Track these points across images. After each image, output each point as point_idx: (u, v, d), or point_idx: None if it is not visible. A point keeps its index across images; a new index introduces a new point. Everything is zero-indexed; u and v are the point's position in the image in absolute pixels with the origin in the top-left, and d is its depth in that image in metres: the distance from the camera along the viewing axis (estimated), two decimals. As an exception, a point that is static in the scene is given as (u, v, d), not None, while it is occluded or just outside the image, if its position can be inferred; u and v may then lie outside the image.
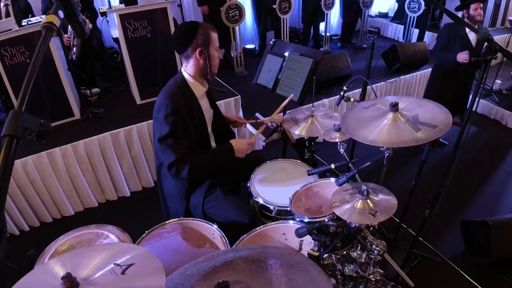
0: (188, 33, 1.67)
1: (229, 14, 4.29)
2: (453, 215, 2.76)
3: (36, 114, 0.69)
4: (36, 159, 2.62)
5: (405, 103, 1.51)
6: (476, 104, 1.71)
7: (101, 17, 3.98)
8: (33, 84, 0.72)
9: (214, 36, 1.71)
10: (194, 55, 1.69)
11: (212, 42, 1.71)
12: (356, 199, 1.33)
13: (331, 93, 3.86)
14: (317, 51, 2.23)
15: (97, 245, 1.49)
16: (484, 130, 4.11)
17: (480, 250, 2.32)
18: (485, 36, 1.55)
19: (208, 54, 1.71)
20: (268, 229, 1.63)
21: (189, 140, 1.73)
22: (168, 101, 1.66)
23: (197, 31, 1.66)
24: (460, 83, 3.32)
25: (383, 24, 6.44)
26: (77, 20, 0.93)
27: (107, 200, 3.11)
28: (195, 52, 1.68)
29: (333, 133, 1.85)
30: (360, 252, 1.40)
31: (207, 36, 1.68)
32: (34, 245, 1.47)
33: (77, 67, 3.47)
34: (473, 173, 3.32)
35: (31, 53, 2.73)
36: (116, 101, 3.53)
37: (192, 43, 1.67)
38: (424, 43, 4.53)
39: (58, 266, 0.94)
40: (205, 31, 1.68)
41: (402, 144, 1.33)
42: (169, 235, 1.65)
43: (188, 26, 1.70)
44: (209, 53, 1.71)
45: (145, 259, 0.96)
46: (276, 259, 1.07)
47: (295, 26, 6.38)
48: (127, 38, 3.05)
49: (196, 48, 1.68)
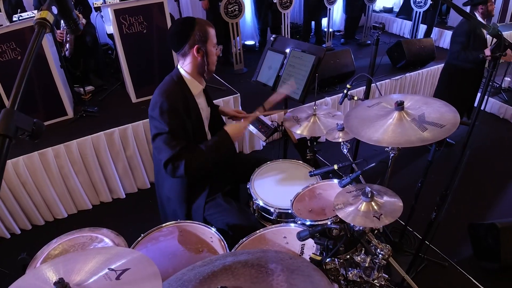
0: (184, 30, 1.66)
1: (228, 9, 4.30)
2: (461, 218, 2.77)
3: (28, 112, 0.69)
4: (28, 160, 2.62)
5: (411, 101, 1.51)
6: (484, 102, 1.72)
7: (95, 12, 3.98)
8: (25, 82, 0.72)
9: (211, 32, 1.71)
10: (192, 52, 1.69)
11: (210, 38, 1.70)
12: (360, 201, 1.33)
13: (334, 91, 3.86)
14: (320, 48, 2.23)
15: (91, 249, 1.49)
16: (492, 130, 4.11)
17: (488, 254, 2.32)
18: (494, 32, 1.55)
19: (206, 51, 1.71)
20: (269, 232, 1.63)
21: (185, 139, 1.72)
22: (164, 98, 1.66)
23: (194, 28, 1.66)
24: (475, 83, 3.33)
25: (388, 19, 6.44)
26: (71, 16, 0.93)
27: (101, 202, 3.11)
28: (192, 49, 1.68)
29: (336, 133, 1.85)
30: (364, 256, 1.40)
31: (205, 32, 1.68)
32: (25, 249, 1.47)
33: (70, 64, 3.47)
34: (481, 174, 3.32)
35: (22, 49, 2.73)
36: (110, 99, 3.54)
37: (189, 40, 1.66)
38: (430, 39, 4.53)
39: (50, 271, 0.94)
40: (202, 27, 1.67)
41: (408, 144, 1.33)
42: (165, 239, 1.65)
43: (184, 23, 1.68)
44: (206, 49, 1.71)
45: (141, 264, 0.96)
46: (276, 264, 1.07)
47: (297, 21, 6.39)
48: (122, 34, 3.05)
49: (193, 45, 1.67)
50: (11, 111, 0.69)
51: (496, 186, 3.17)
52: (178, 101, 1.70)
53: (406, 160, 3.51)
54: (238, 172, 2.13)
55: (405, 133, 1.36)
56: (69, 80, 3.23)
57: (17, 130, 0.69)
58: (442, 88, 3.64)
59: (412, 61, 4.26)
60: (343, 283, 1.38)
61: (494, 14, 3.06)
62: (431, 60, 4.44)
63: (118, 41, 3.07)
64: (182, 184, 1.84)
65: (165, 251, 1.59)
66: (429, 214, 2.02)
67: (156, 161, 1.90)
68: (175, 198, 1.88)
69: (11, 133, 0.67)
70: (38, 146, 2.66)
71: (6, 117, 0.68)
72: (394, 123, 1.41)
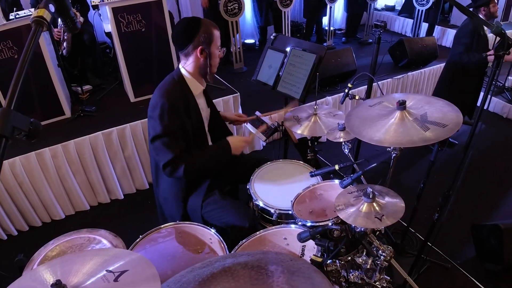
0: (189, 30, 1.67)
1: (228, 7, 4.30)
2: (463, 219, 2.77)
3: (25, 112, 0.69)
4: (25, 160, 2.62)
5: (413, 101, 1.51)
6: (487, 102, 1.72)
7: (92, 10, 3.98)
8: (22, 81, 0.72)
9: (216, 34, 1.72)
10: (195, 53, 1.69)
11: (215, 40, 1.71)
12: (361, 202, 1.33)
13: (335, 91, 3.86)
14: (321, 46, 2.23)
15: (89, 250, 1.49)
16: (495, 129, 4.11)
17: (491, 255, 2.32)
18: (498, 30, 1.55)
19: (209, 53, 1.71)
20: (269, 233, 1.63)
21: (185, 140, 1.73)
22: (164, 98, 1.66)
23: (199, 28, 1.66)
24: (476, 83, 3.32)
25: (390, 17, 6.44)
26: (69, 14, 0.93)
27: (99, 203, 3.12)
28: (196, 50, 1.68)
29: (337, 133, 1.85)
30: (365, 257, 1.40)
31: (210, 34, 1.68)
32: (22, 250, 1.47)
33: (68, 63, 3.47)
34: (484, 174, 3.32)
35: (19, 48, 2.73)
36: (108, 98, 3.53)
37: (193, 41, 1.67)
38: (433, 38, 4.53)
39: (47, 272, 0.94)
40: (207, 29, 1.67)
41: (410, 144, 1.33)
42: (164, 240, 1.65)
43: (190, 23, 1.69)
44: (210, 51, 1.71)
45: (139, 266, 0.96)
46: (277, 265, 1.07)
47: (297, 20, 6.39)
48: (120, 32, 3.05)
49: (197, 46, 1.67)
50: (7, 111, 0.69)
51: (499, 187, 3.17)
52: (179, 100, 1.70)
53: (408, 160, 3.51)
54: (237, 172, 2.13)
55: (407, 133, 1.36)
56: (67, 79, 3.23)
57: (13, 130, 0.69)
58: (441, 87, 3.63)
59: (414, 60, 4.26)
60: (344, 285, 1.38)
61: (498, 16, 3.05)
62: (434, 59, 4.44)
63: (116, 39, 3.07)
64: (179, 185, 1.85)
65: (164, 252, 1.59)
66: (432, 215, 2.01)
67: (153, 162, 1.90)
68: (172, 198, 1.89)
69: (8, 133, 0.67)
70: (35, 146, 2.66)
71: (3, 116, 0.68)
72: (396, 122, 1.41)
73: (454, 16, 5.93)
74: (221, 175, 2.00)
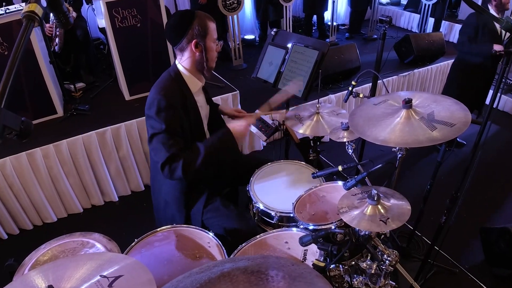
0: (182, 23, 1.66)
1: (227, 2, 4.30)
2: (472, 222, 2.77)
3: (15, 111, 0.69)
4: (15, 160, 2.62)
5: (419, 99, 1.51)
6: (497, 100, 1.72)
7: (86, 5, 3.99)
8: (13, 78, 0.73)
9: (211, 27, 1.71)
10: (189, 47, 1.69)
11: (210, 33, 1.70)
12: (365, 205, 1.33)
13: (338, 88, 3.86)
14: (323, 42, 2.23)
15: (82, 255, 1.49)
16: (505, 129, 4.11)
17: (501, 260, 2.32)
18: (508, 26, 1.55)
19: (205, 46, 1.71)
20: (269, 237, 1.63)
21: (183, 138, 1.72)
22: (162, 96, 1.66)
23: (193, 21, 1.65)
24: (486, 78, 3.33)
25: (395, 12, 6.45)
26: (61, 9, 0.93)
27: (92, 205, 3.12)
28: (190, 44, 1.68)
29: (341, 132, 1.85)
30: (370, 262, 1.40)
31: (204, 26, 1.67)
32: (13, 254, 1.47)
33: (60, 60, 3.47)
34: (494, 175, 3.32)
35: (9, 44, 2.73)
36: (102, 97, 3.53)
37: (187, 34, 1.66)
38: (440, 33, 4.54)
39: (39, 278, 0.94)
40: (202, 21, 1.67)
41: (416, 144, 1.33)
42: (161, 244, 1.65)
43: (183, 15, 1.69)
44: (205, 45, 1.70)
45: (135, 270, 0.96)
46: (278, 270, 1.07)
47: (299, 15, 6.39)
48: (115, 28, 3.05)
49: (191, 39, 1.67)
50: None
51: (509, 189, 3.17)
52: (176, 98, 1.69)
53: (414, 161, 3.52)
54: (237, 173, 2.13)
55: (413, 133, 1.36)
56: (59, 77, 3.23)
57: (4, 129, 0.69)
58: (450, 83, 3.65)
59: (420, 57, 4.27)
60: (348, 290, 1.38)
61: (509, 8, 3.07)
62: (441, 55, 4.45)
63: (111, 35, 3.07)
64: (181, 188, 1.84)
65: (160, 257, 1.59)
66: (439, 218, 2.02)
67: (153, 163, 1.90)
68: (174, 203, 1.88)
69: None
70: (26, 146, 2.66)
71: (-7, 115, 0.68)
72: (402, 122, 1.41)
73: (462, 10, 5.93)
74: (220, 176, 1.99)
